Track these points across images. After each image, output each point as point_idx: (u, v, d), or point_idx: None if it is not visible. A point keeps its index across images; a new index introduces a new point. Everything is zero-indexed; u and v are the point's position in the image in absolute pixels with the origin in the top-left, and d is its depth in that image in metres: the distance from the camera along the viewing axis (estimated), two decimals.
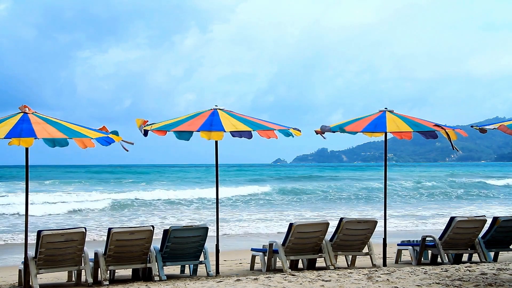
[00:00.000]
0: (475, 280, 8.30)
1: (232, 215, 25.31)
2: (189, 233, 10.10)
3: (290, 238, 10.46)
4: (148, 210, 28.37)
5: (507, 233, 11.46)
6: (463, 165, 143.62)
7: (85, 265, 9.65)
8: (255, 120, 10.37)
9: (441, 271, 9.24)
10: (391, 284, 8.19)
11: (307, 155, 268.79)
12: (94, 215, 26.21)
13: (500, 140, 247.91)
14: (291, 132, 10.30)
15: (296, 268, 10.86)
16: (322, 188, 41.60)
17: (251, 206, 30.55)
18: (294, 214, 25.97)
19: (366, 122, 10.98)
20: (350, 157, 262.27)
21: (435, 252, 11.31)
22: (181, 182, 52.78)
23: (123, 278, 10.63)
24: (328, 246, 10.75)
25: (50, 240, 9.22)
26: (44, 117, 9.27)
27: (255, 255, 11.37)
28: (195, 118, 10.14)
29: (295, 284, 8.37)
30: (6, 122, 8.94)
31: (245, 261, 12.79)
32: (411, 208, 29.83)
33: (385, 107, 11.33)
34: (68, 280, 10.52)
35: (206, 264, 10.42)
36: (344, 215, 23.69)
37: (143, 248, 9.81)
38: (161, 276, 9.87)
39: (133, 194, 34.57)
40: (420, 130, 10.87)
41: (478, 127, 9.46)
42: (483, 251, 11.30)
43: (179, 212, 27.36)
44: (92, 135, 9.15)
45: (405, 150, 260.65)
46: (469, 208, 29.76)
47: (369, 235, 10.98)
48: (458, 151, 11.21)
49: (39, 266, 9.35)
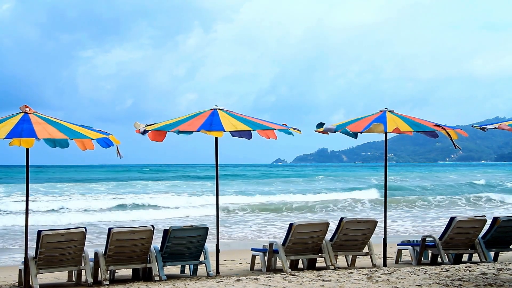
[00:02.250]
0: (475, 280, 8.29)
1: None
2: (189, 233, 10.10)
3: (290, 238, 10.46)
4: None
5: (507, 233, 11.46)
6: (464, 165, 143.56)
7: (85, 265, 9.65)
8: (255, 120, 10.37)
9: (441, 271, 9.24)
10: (391, 284, 8.18)
11: (307, 155, 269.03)
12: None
13: (500, 140, 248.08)
14: (291, 130, 10.31)
15: (296, 268, 10.86)
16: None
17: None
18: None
19: (366, 122, 10.98)
20: (350, 157, 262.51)
21: (435, 252, 11.30)
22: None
23: (123, 278, 10.63)
24: (328, 246, 10.75)
25: (50, 240, 9.22)
26: (45, 117, 9.27)
27: (255, 255, 11.36)
28: (195, 118, 10.14)
29: (295, 284, 8.37)
30: (7, 122, 8.94)
31: (245, 261, 12.80)
32: (411, 208, 29.84)
33: (385, 107, 11.33)
34: (68, 280, 10.53)
35: (206, 264, 10.42)
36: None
37: (143, 248, 9.81)
38: (161, 276, 9.87)
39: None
40: (420, 130, 10.88)
41: (478, 126, 9.48)
42: (483, 251, 11.30)
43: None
44: (93, 136, 9.16)
45: (405, 150, 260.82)
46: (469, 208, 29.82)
47: (369, 235, 10.98)
48: (459, 149, 11.22)
49: (39, 266, 9.34)
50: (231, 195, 35.79)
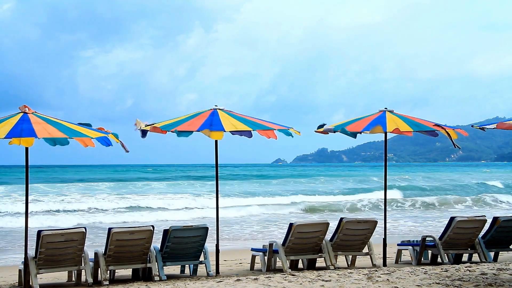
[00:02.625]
0: (475, 280, 8.29)
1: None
2: (189, 233, 10.10)
3: (290, 238, 10.46)
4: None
5: (507, 233, 11.46)
6: (464, 165, 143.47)
7: (85, 265, 9.64)
8: (255, 120, 10.37)
9: (441, 271, 9.23)
10: (391, 284, 8.18)
11: (307, 155, 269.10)
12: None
13: (500, 140, 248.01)
14: (291, 131, 10.31)
15: (296, 268, 10.86)
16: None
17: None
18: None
19: (366, 122, 10.99)
20: (350, 157, 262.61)
21: (435, 252, 11.30)
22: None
23: (123, 278, 10.63)
24: (328, 246, 10.75)
25: (50, 240, 9.21)
26: (44, 117, 9.26)
27: (255, 255, 11.36)
28: (195, 118, 10.14)
29: (295, 284, 8.37)
30: (6, 122, 8.94)
31: (245, 261, 12.79)
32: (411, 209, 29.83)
33: (385, 107, 11.33)
34: (68, 280, 10.52)
35: (206, 264, 10.42)
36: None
37: (143, 248, 9.81)
38: (161, 276, 9.87)
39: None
40: (420, 129, 10.88)
41: (478, 126, 9.47)
42: (483, 251, 11.29)
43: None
44: (92, 135, 9.15)
45: (405, 150, 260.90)
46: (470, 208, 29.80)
47: (369, 235, 10.98)
48: (459, 148, 11.21)
49: (39, 266, 9.34)
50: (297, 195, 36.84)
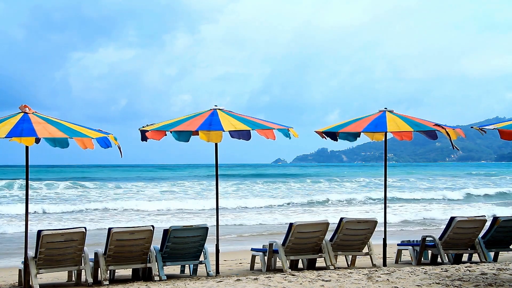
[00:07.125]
0: (475, 280, 8.30)
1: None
2: (189, 233, 10.10)
3: (290, 238, 10.46)
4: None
5: (507, 233, 11.46)
6: (464, 165, 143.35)
7: (85, 265, 9.65)
8: (254, 120, 10.38)
9: (441, 271, 9.24)
10: (391, 284, 8.19)
11: (307, 155, 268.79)
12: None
13: (500, 140, 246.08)
14: (290, 132, 10.30)
15: (296, 268, 10.86)
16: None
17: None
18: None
19: (366, 122, 10.99)
20: (350, 157, 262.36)
21: (435, 252, 11.30)
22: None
23: (123, 278, 10.63)
24: (328, 246, 10.75)
25: (50, 240, 9.22)
26: (45, 117, 9.27)
27: (255, 255, 11.36)
28: (194, 118, 10.15)
29: (295, 284, 8.37)
30: (7, 122, 8.95)
31: (245, 261, 12.79)
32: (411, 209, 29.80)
33: (384, 107, 11.33)
34: (68, 280, 10.52)
35: (206, 264, 10.42)
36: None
37: (143, 248, 9.81)
38: (161, 276, 9.87)
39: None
40: (421, 129, 10.87)
41: (478, 127, 9.46)
42: (483, 251, 11.30)
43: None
44: (93, 135, 9.17)
45: (405, 150, 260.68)
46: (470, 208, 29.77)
47: (369, 235, 10.98)
48: (458, 150, 11.21)
49: (39, 266, 9.35)
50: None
